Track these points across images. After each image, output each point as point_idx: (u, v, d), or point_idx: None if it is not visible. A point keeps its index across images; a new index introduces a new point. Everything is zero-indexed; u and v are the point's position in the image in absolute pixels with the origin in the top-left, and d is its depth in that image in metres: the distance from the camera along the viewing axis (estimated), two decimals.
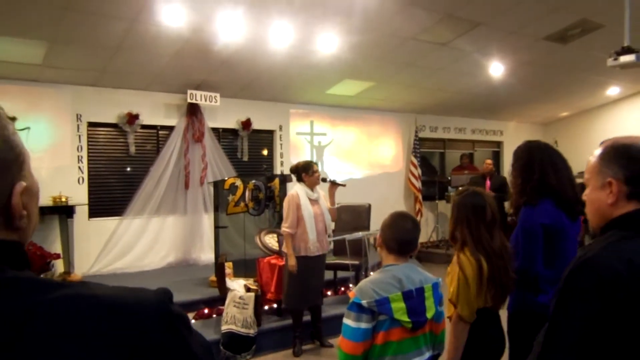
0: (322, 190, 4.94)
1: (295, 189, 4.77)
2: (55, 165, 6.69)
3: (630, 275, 1.14)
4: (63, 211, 6.42)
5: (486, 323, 2.41)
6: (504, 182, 8.34)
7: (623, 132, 9.20)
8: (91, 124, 7.03)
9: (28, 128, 6.29)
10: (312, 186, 4.77)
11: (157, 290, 0.71)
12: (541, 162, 2.59)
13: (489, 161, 8.90)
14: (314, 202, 4.76)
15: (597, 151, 1.36)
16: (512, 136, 11.84)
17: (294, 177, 4.93)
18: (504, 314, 2.53)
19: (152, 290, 0.71)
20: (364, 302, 1.92)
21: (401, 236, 2.10)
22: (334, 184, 4.93)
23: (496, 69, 7.62)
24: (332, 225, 4.95)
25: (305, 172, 4.77)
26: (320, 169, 8.94)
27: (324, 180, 4.92)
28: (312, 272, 4.74)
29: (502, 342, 2.48)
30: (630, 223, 1.26)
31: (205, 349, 0.75)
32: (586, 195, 1.39)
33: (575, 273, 1.24)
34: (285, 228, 4.65)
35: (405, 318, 1.93)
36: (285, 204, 4.74)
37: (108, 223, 7.05)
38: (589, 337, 1.17)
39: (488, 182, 8.48)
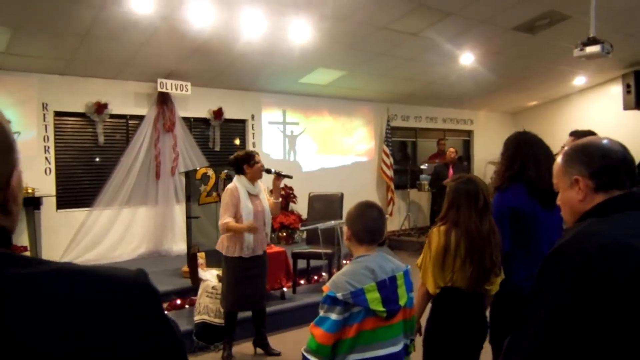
0: (262, 183, 4.51)
1: (235, 182, 4.30)
2: (21, 155, 6.51)
3: (601, 257, 1.18)
4: (29, 203, 6.27)
5: (459, 302, 2.51)
6: (466, 171, 8.53)
7: (589, 121, 9.45)
8: (58, 114, 6.86)
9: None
10: (253, 179, 4.31)
11: (137, 269, 0.78)
12: (524, 156, 2.75)
13: (452, 149, 9.06)
14: (254, 197, 4.31)
15: (559, 157, 1.47)
16: (482, 125, 12.03)
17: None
18: None
19: (132, 269, 0.78)
20: (338, 295, 1.93)
21: (370, 226, 2.13)
22: (279, 176, 4.47)
23: (466, 58, 7.71)
24: (270, 223, 4.47)
25: (246, 162, 4.28)
26: (293, 158, 9.04)
27: (268, 171, 4.49)
28: (247, 277, 4.28)
29: (483, 325, 2.59)
30: (601, 212, 1.34)
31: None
32: (559, 199, 1.48)
33: (549, 260, 1.30)
34: (224, 221, 4.15)
35: (380, 307, 1.95)
36: (222, 198, 4.30)
37: (77, 214, 6.92)
38: (557, 324, 1.21)
39: (451, 171, 8.61)
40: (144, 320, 0.71)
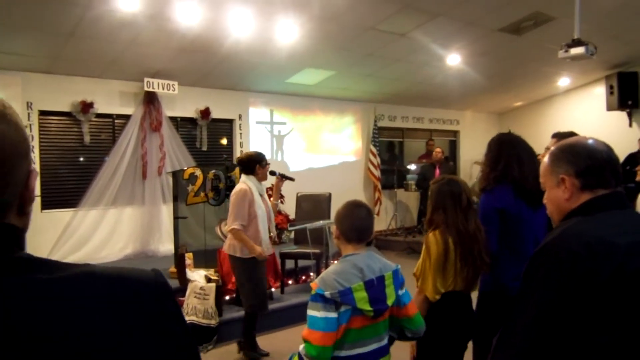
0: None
1: (246, 182, 4.24)
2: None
3: (587, 255, 1.20)
4: None
5: (458, 306, 2.53)
6: (452, 171, 8.60)
7: (573, 121, 9.54)
8: (43, 113, 6.78)
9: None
10: (262, 180, 4.34)
11: (152, 269, 0.80)
12: (508, 156, 2.77)
13: (439, 149, 9.14)
14: (261, 197, 4.32)
15: (547, 156, 1.49)
16: (469, 125, 12.11)
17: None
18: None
19: (147, 269, 0.80)
20: (327, 294, 1.93)
21: (359, 224, 2.14)
22: (282, 178, 4.60)
23: (453, 59, 7.76)
24: (274, 223, 4.63)
25: (259, 163, 4.27)
26: (281, 158, 9.04)
27: (273, 173, 4.57)
28: (261, 276, 4.30)
29: (472, 323, 2.62)
30: (586, 210, 1.36)
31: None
32: (546, 198, 1.50)
33: (535, 258, 1.32)
34: (236, 225, 4.09)
35: (367, 307, 1.96)
36: (234, 199, 4.16)
37: (62, 215, 6.83)
38: (545, 321, 1.23)
39: (437, 171, 8.68)
40: (166, 319, 0.73)
